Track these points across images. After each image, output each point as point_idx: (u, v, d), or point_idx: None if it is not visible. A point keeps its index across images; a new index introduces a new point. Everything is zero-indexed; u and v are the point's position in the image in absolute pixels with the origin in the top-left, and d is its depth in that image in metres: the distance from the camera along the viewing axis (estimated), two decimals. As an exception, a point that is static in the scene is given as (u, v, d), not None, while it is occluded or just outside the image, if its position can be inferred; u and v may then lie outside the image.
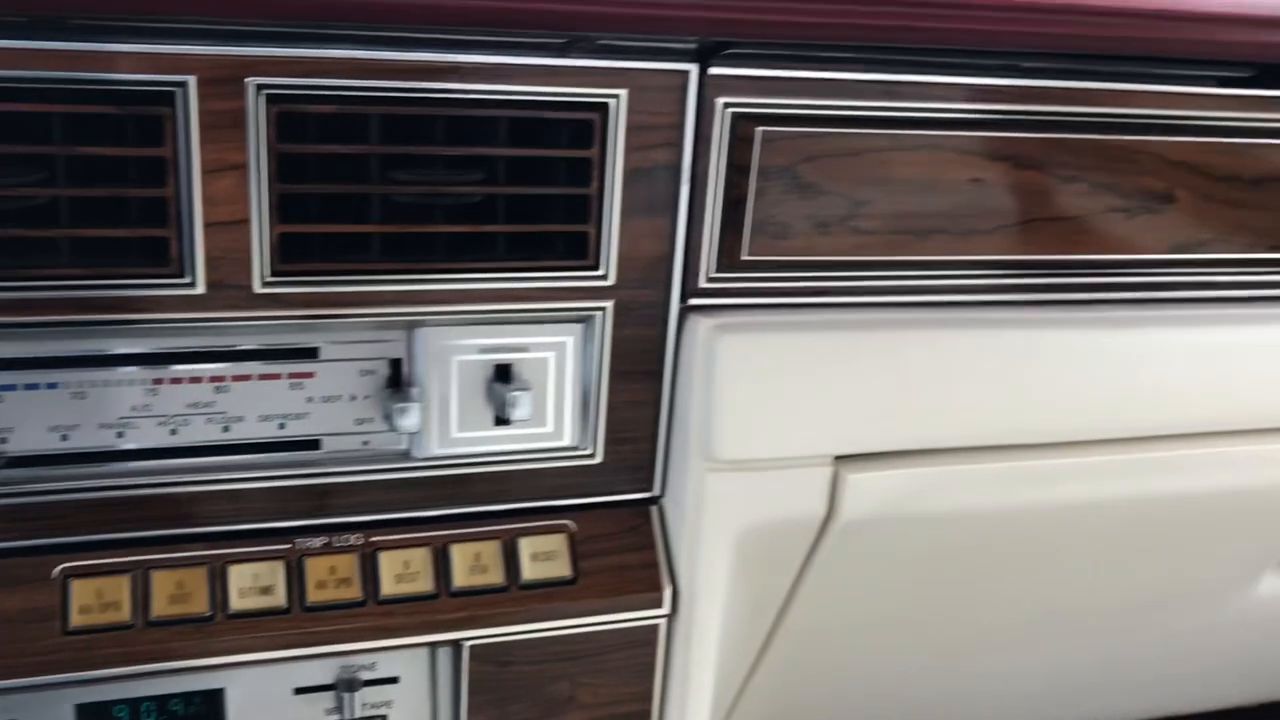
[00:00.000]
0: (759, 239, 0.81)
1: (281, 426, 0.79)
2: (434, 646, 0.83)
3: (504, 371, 0.81)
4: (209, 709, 0.80)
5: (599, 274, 0.79)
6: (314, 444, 0.80)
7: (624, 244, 0.79)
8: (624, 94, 0.75)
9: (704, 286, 0.82)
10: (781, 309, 0.84)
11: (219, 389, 0.77)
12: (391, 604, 0.81)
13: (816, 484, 0.86)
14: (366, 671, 0.82)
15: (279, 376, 0.78)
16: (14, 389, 0.73)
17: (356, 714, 0.82)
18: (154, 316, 0.72)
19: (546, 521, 0.85)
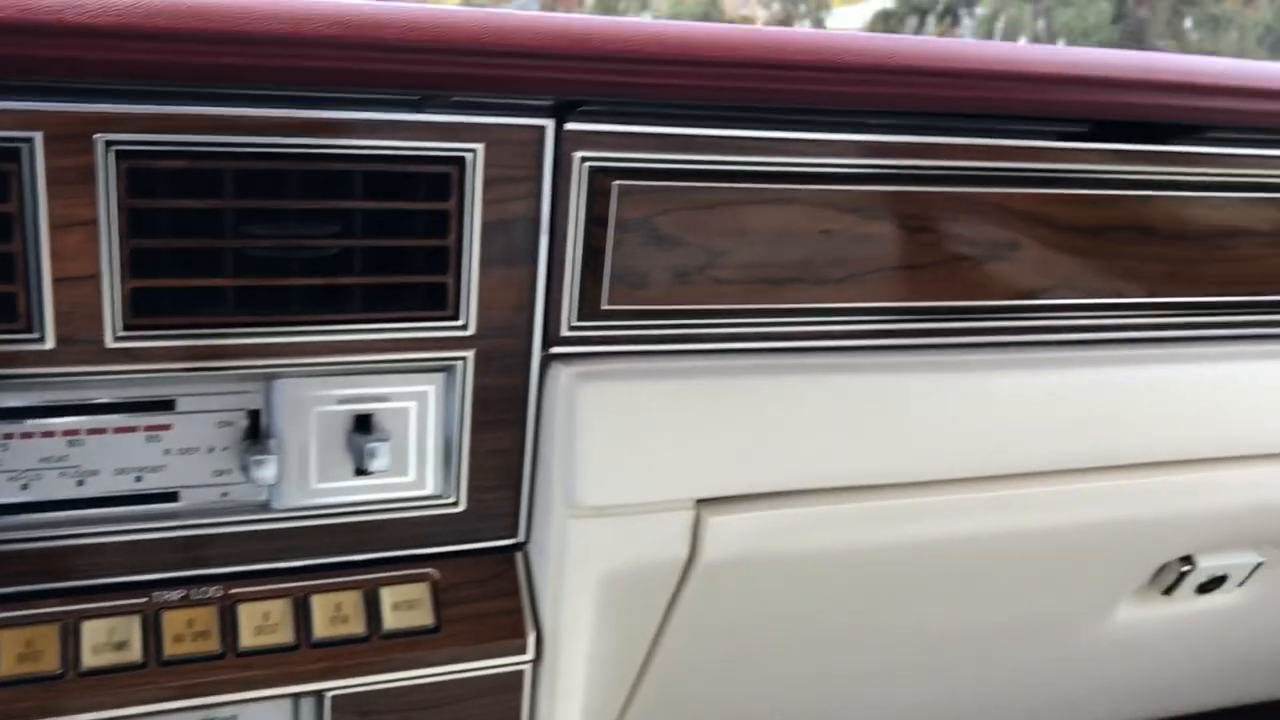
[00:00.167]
0: (618, 288, 0.83)
1: (138, 479, 0.78)
2: (296, 698, 0.83)
3: (364, 422, 0.81)
4: None
5: (459, 324, 0.80)
6: (172, 496, 0.79)
7: (484, 294, 0.80)
8: (480, 148, 0.76)
9: (565, 335, 0.83)
10: (642, 356, 0.85)
11: (73, 443, 0.76)
12: (251, 656, 0.80)
13: (678, 527, 0.87)
14: (228, 725, 0.82)
15: (135, 429, 0.78)
16: None
17: (217, 767, 0.81)
18: (3, 371, 0.71)
19: (409, 570, 0.85)
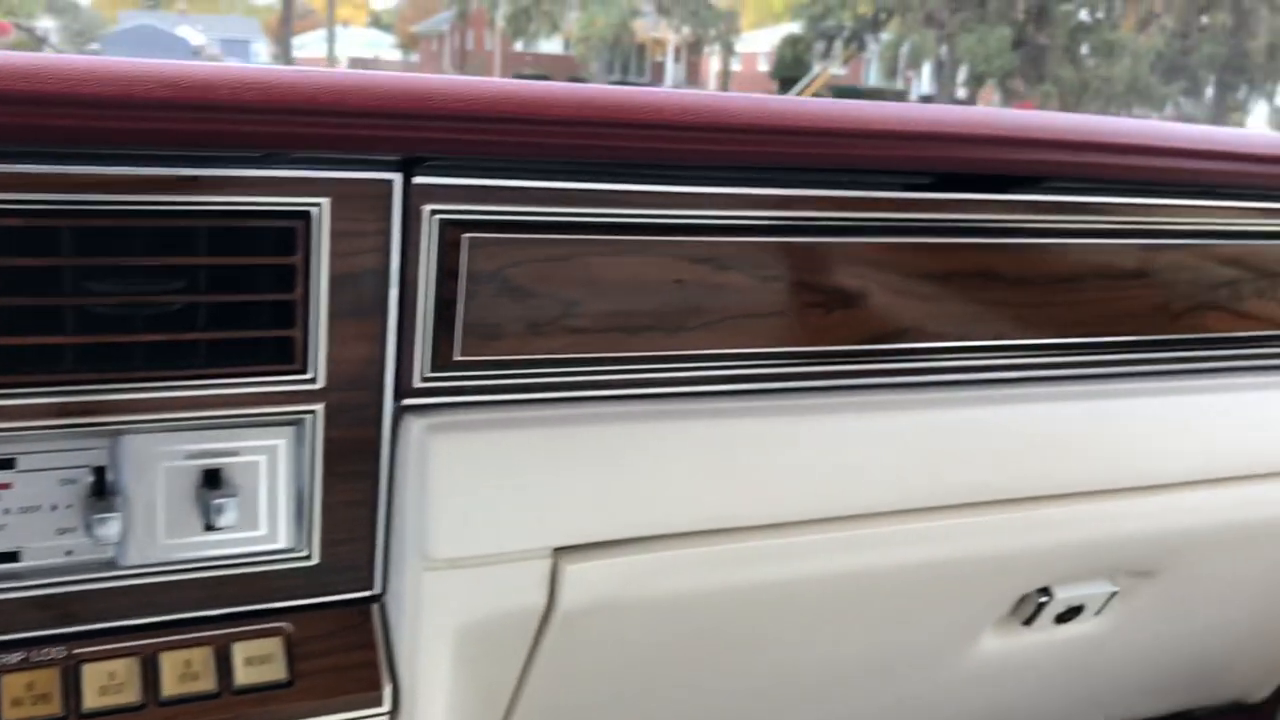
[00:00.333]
0: (471, 340, 0.83)
1: None
2: (145, 757, 0.82)
3: (213, 476, 0.81)
4: None
5: (307, 378, 0.80)
6: (13, 556, 0.78)
7: (333, 347, 0.80)
8: (326, 202, 0.77)
9: (418, 387, 0.83)
10: (498, 406, 0.86)
11: (-94, 503, 0.75)
12: (95, 717, 0.78)
13: (535, 577, 0.88)
14: (70, 789, 0.80)
15: (-28, 489, 0.76)
16: None
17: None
18: None
19: (262, 624, 0.84)
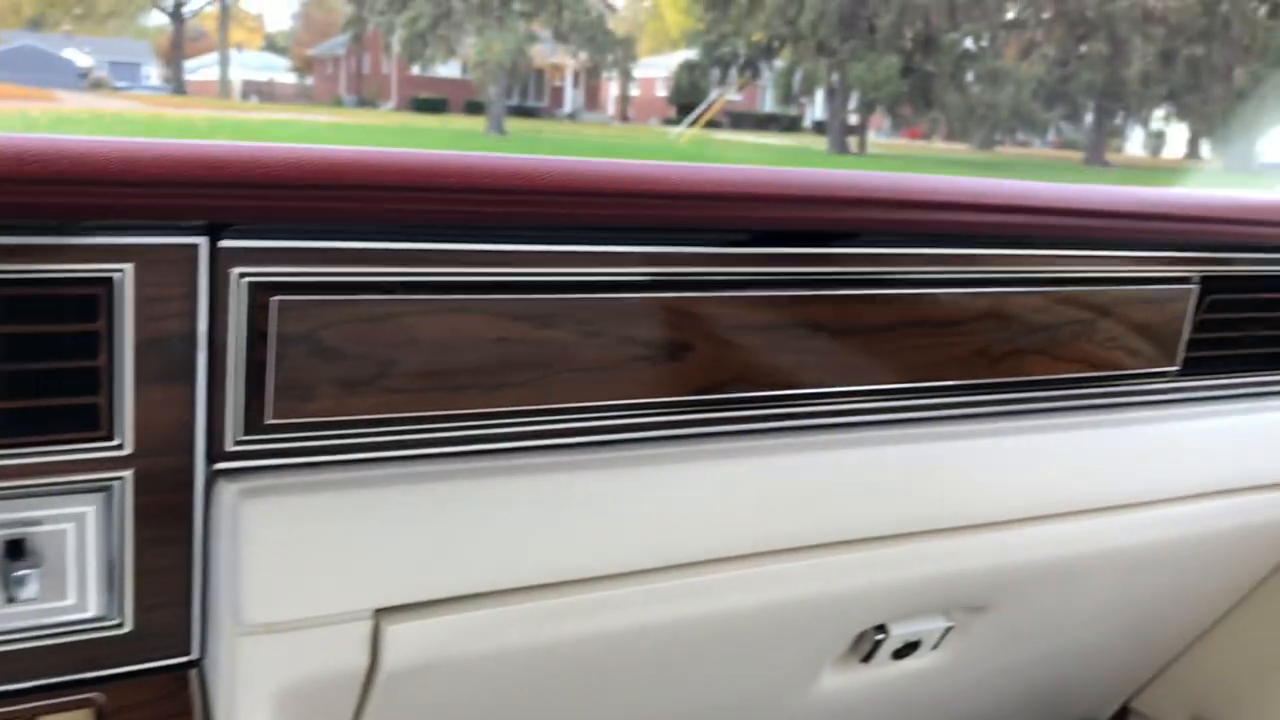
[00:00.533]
0: (284, 402, 0.82)
1: None
2: (-57, 840, 0.79)
3: (16, 547, 0.79)
4: None
5: (114, 444, 0.79)
6: None
7: (141, 413, 0.79)
8: (130, 268, 0.76)
9: (230, 450, 0.82)
10: (314, 468, 0.85)
11: None
12: (-111, 801, 0.76)
13: (356, 639, 0.87)
14: None
15: None
16: None
17: None
18: None
19: (73, 696, 0.82)
